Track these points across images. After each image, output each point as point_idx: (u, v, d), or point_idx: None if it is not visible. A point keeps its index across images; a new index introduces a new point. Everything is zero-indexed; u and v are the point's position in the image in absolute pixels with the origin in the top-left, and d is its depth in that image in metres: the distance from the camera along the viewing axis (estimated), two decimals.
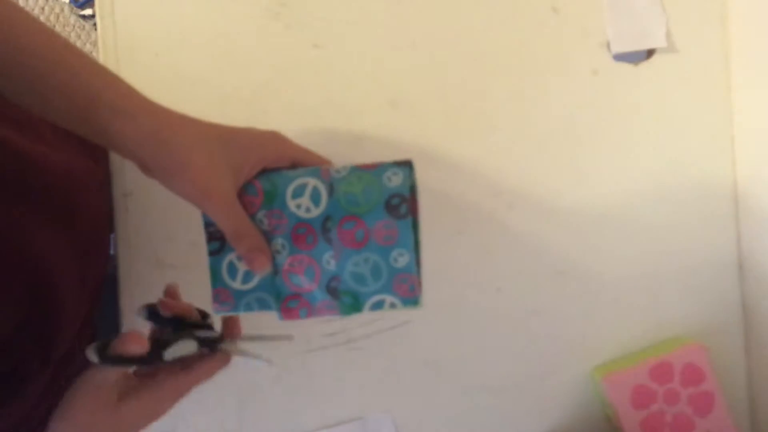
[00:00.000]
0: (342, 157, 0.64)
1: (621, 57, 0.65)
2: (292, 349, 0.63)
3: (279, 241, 0.46)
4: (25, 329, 0.46)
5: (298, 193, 0.46)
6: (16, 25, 0.42)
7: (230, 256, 0.47)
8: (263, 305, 0.47)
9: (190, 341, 0.46)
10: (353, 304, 0.46)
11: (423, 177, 0.64)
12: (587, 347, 0.66)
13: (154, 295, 0.61)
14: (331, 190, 0.45)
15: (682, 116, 0.66)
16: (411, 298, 0.45)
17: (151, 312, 0.48)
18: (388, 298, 0.45)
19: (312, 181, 0.46)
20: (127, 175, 0.62)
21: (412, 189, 0.46)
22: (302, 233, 0.46)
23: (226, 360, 0.48)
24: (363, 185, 0.45)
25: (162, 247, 0.63)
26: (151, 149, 0.42)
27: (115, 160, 0.62)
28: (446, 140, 0.64)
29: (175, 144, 0.43)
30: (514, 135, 0.65)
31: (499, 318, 0.66)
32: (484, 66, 0.65)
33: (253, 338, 0.50)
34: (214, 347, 0.48)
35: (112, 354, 0.43)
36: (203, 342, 0.47)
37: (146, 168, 0.44)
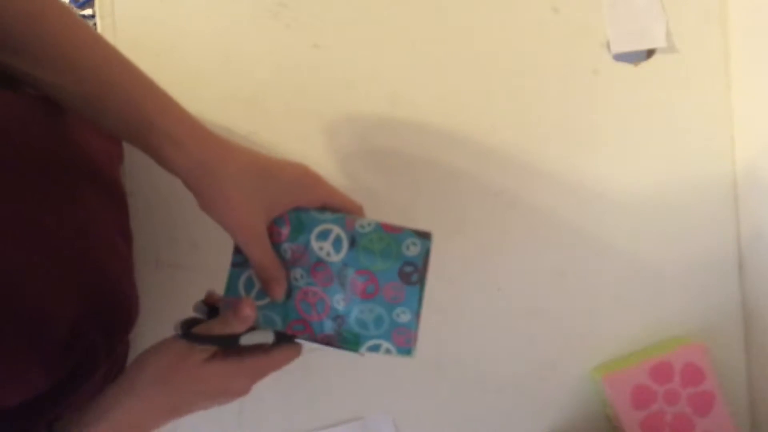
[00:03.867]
0: (342, 155, 0.64)
1: (621, 57, 0.65)
2: None
3: (299, 271, 0.50)
4: (92, 316, 0.48)
5: (322, 236, 0.49)
6: (81, 42, 0.43)
7: (251, 272, 0.50)
8: (269, 322, 0.50)
9: (267, 331, 0.49)
10: (353, 342, 0.50)
11: (423, 177, 0.65)
12: (587, 347, 0.66)
13: (154, 296, 0.62)
14: (352, 242, 0.49)
15: (682, 116, 0.66)
16: (405, 348, 0.49)
17: (211, 309, 0.50)
18: (385, 344, 0.49)
19: (336, 229, 0.49)
20: (127, 175, 0.62)
21: (427, 254, 0.49)
22: (320, 271, 0.49)
23: (299, 350, 0.51)
24: (382, 246, 0.49)
25: (163, 247, 0.63)
26: (197, 178, 0.45)
27: None
28: (446, 139, 0.64)
29: (219, 175, 0.45)
30: (514, 134, 0.65)
31: (499, 318, 0.66)
32: (484, 66, 0.65)
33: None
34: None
35: (198, 332, 0.46)
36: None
37: (189, 189, 0.46)
